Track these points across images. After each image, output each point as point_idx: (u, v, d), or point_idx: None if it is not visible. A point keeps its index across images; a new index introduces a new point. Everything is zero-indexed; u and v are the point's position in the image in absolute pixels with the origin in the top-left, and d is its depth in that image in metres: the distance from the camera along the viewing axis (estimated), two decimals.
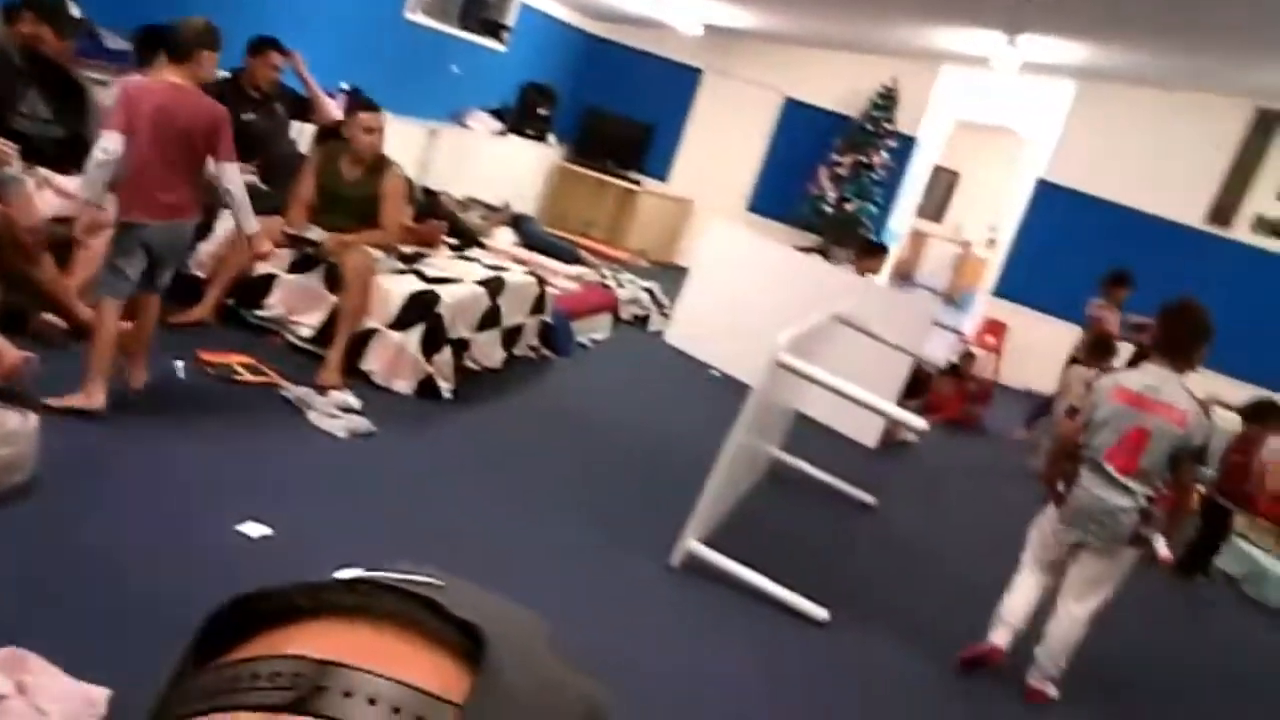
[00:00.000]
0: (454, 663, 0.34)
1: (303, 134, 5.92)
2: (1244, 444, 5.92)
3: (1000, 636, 3.76)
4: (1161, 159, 9.61)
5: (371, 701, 0.32)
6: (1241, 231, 9.57)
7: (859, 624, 3.91)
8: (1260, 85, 8.90)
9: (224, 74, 4.78)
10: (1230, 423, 7.52)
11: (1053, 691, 3.67)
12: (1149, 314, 5.59)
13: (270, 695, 0.32)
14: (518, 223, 8.09)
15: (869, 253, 7.59)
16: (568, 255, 7.98)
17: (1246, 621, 5.54)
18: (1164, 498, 3.54)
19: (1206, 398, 8.78)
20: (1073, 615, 3.62)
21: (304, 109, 5.72)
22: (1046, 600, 3.74)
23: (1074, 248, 9.70)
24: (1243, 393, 8.63)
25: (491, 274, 5.47)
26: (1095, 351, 6.80)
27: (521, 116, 10.05)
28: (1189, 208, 9.64)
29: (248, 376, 4.31)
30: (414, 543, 3.42)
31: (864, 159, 10.41)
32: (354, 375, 4.63)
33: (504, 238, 7.60)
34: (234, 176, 3.69)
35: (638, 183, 11.05)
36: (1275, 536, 6.08)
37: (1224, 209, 9.58)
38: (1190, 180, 9.60)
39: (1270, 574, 5.69)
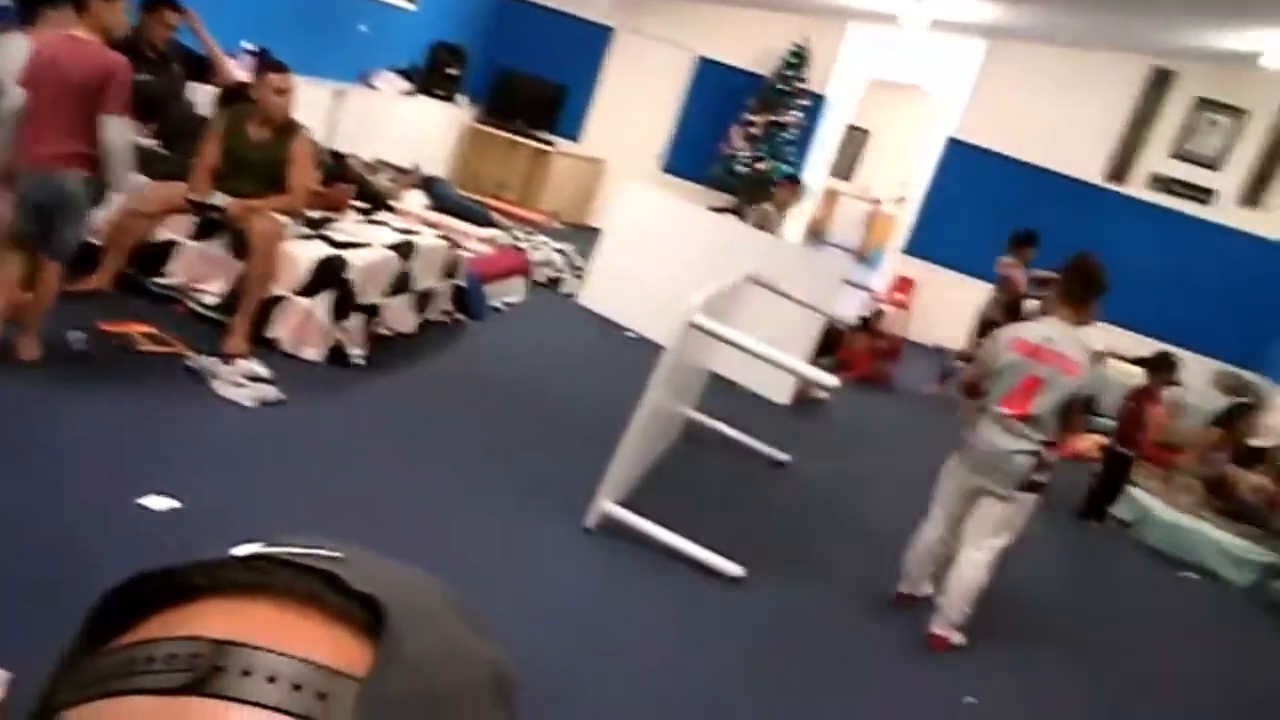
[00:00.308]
0: (355, 636, 0.34)
1: (201, 96, 5.72)
2: (1139, 395, 6.15)
3: (906, 586, 4.00)
4: (1064, 117, 9.86)
5: (271, 679, 0.32)
6: (1137, 188, 9.89)
7: (775, 579, 3.98)
8: (1158, 43, 9.16)
9: None
10: (1128, 375, 7.82)
11: (957, 638, 3.80)
12: (1052, 269, 5.77)
13: (165, 678, 0.32)
14: (428, 185, 7.96)
15: (786, 184, 7.80)
16: (480, 217, 7.89)
17: (1135, 564, 5.78)
18: (1056, 445, 3.70)
19: (1104, 349, 9.11)
20: (974, 561, 3.74)
21: (202, 70, 5.52)
22: (952, 548, 3.87)
23: (981, 205, 9.91)
24: (1139, 345, 8.97)
25: (402, 238, 5.39)
26: (1011, 313, 6.99)
27: (431, 77, 9.86)
28: (1089, 164, 9.92)
29: (150, 346, 4.19)
30: (326, 512, 3.38)
31: (777, 118, 10.46)
32: (260, 343, 4.53)
33: (414, 200, 7.47)
34: (115, 129, 3.58)
35: (550, 143, 10.95)
36: (1162, 481, 6.34)
37: (1121, 166, 9.89)
38: (1091, 138, 9.87)
39: (1154, 518, 5.94)
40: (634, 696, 3.00)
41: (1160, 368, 6.31)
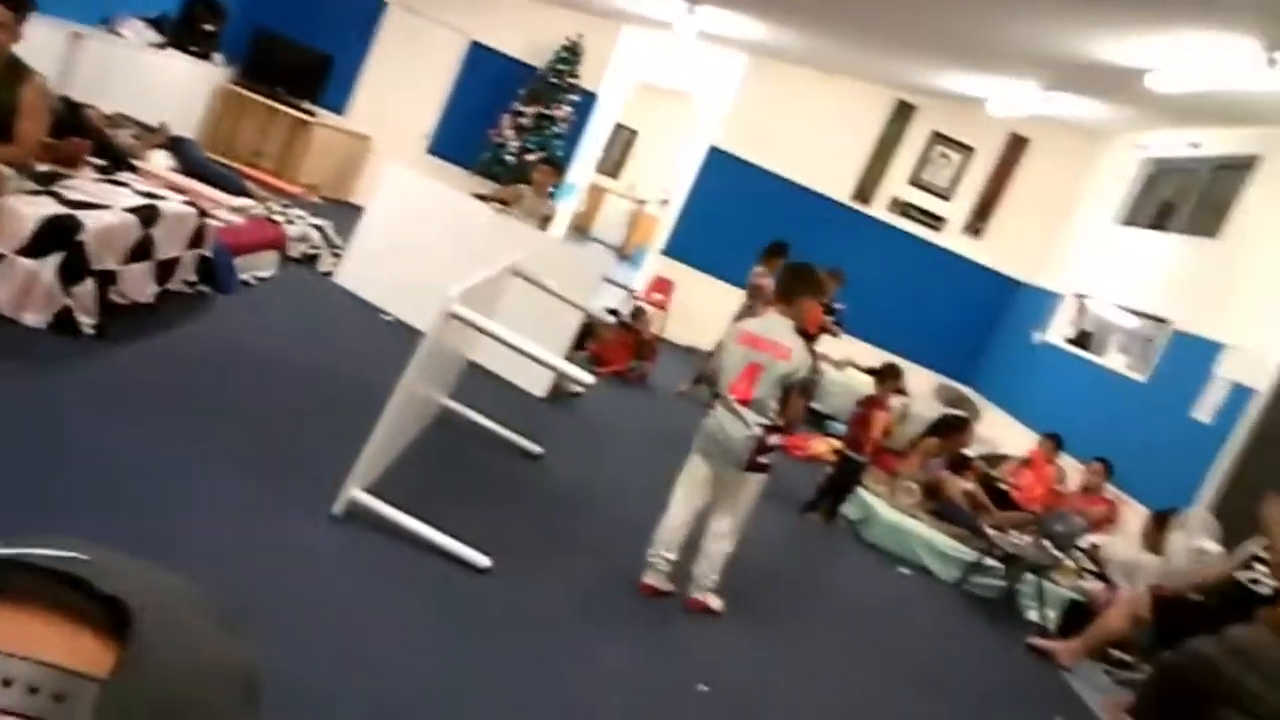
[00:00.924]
0: (100, 639, 0.34)
1: None
2: (868, 402, 6.61)
3: (651, 577, 4.19)
4: (818, 137, 10.46)
5: (6, 683, 0.31)
6: (879, 210, 10.62)
7: (522, 570, 4.02)
8: (901, 78, 9.88)
9: None
10: (862, 383, 8.35)
11: (716, 604, 4.15)
12: None
13: None
14: (176, 146, 7.47)
15: (545, 167, 7.86)
16: (233, 185, 7.49)
17: (859, 560, 6.21)
18: (779, 429, 4.09)
19: (841, 360, 9.62)
20: (717, 534, 4.15)
21: None
22: (694, 531, 4.19)
23: (738, 213, 10.35)
24: (873, 356, 9.62)
25: (144, 201, 5.04)
26: None
27: (184, 30, 9.25)
28: (839, 184, 10.57)
29: None
30: (43, 496, 3.12)
31: (547, 110, 10.51)
32: None
33: (160, 161, 7.00)
34: None
35: (312, 114, 10.54)
36: (887, 485, 6.85)
37: (866, 188, 10.59)
38: (840, 159, 10.52)
39: (877, 518, 6.41)
40: (375, 687, 2.95)
41: (887, 376, 6.82)
